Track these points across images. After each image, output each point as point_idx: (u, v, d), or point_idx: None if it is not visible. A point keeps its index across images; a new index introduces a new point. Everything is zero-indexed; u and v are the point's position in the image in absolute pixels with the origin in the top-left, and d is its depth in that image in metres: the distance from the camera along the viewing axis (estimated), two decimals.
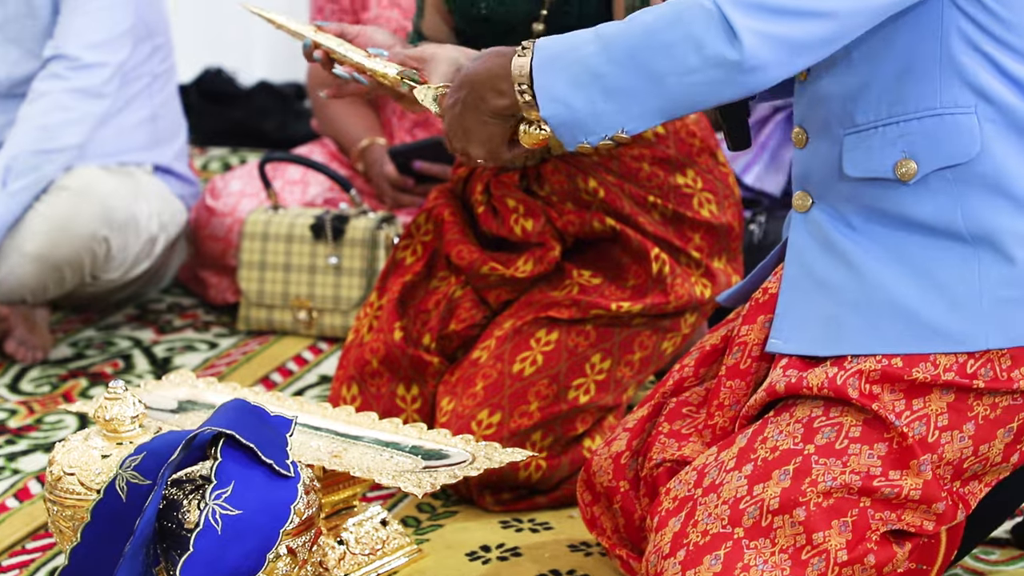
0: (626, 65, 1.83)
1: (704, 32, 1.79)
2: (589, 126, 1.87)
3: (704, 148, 2.70)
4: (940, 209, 1.91)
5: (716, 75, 1.80)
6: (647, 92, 1.83)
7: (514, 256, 2.66)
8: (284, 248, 3.47)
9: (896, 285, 1.92)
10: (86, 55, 3.35)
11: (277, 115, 4.76)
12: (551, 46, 1.89)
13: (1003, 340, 1.89)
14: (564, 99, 1.86)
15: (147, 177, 3.53)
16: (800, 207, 2.02)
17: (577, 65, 1.85)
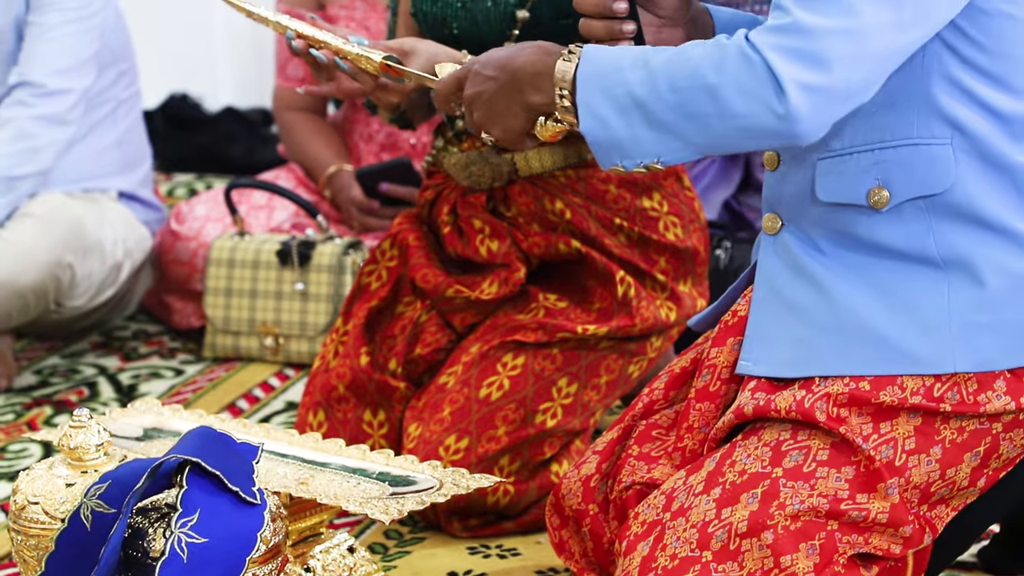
0: (670, 101, 1.83)
1: (750, 82, 1.78)
2: (626, 150, 1.87)
3: (670, 172, 2.71)
4: (912, 236, 1.92)
5: (760, 124, 1.80)
6: (688, 130, 1.84)
7: (479, 278, 2.66)
8: (250, 274, 3.46)
9: (865, 308, 1.92)
10: (51, 82, 3.34)
11: (243, 141, 4.76)
12: (598, 59, 1.88)
13: (971, 364, 1.90)
14: (604, 119, 1.86)
15: (112, 203, 3.52)
16: (769, 229, 2.02)
17: (621, 88, 1.85)
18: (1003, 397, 1.91)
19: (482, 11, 2.59)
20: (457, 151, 2.67)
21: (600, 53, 1.89)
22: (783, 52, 1.77)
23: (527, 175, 2.66)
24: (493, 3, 2.58)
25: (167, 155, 4.67)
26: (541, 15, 2.56)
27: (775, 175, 2.02)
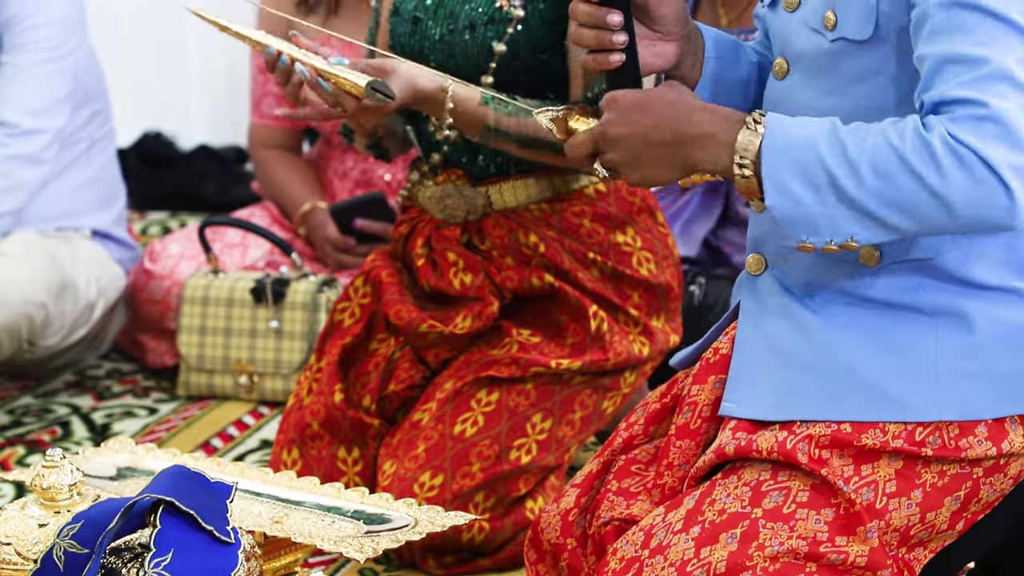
0: (875, 187, 1.77)
1: (976, 187, 1.72)
2: (819, 227, 1.80)
3: (644, 208, 2.71)
4: (901, 289, 1.90)
5: (988, 221, 1.75)
6: (897, 218, 1.78)
7: (452, 313, 2.66)
8: (224, 312, 3.45)
9: (850, 352, 1.92)
10: (25, 121, 3.34)
11: (217, 179, 4.75)
12: (786, 132, 1.81)
13: (955, 413, 1.88)
14: (795, 195, 1.80)
15: (85, 242, 3.51)
16: (754, 270, 2.01)
17: (815, 166, 1.78)
18: (984, 443, 1.90)
19: (460, 44, 2.60)
20: (432, 184, 2.68)
21: (787, 125, 1.81)
22: (994, 142, 1.72)
23: (501, 208, 2.66)
24: (471, 37, 2.59)
25: (141, 193, 4.66)
26: (518, 49, 2.57)
27: (761, 217, 2.00)
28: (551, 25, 2.56)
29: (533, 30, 2.57)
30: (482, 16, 2.58)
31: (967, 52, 1.74)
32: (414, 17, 2.63)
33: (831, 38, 1.88)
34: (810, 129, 1.81)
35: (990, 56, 1.73)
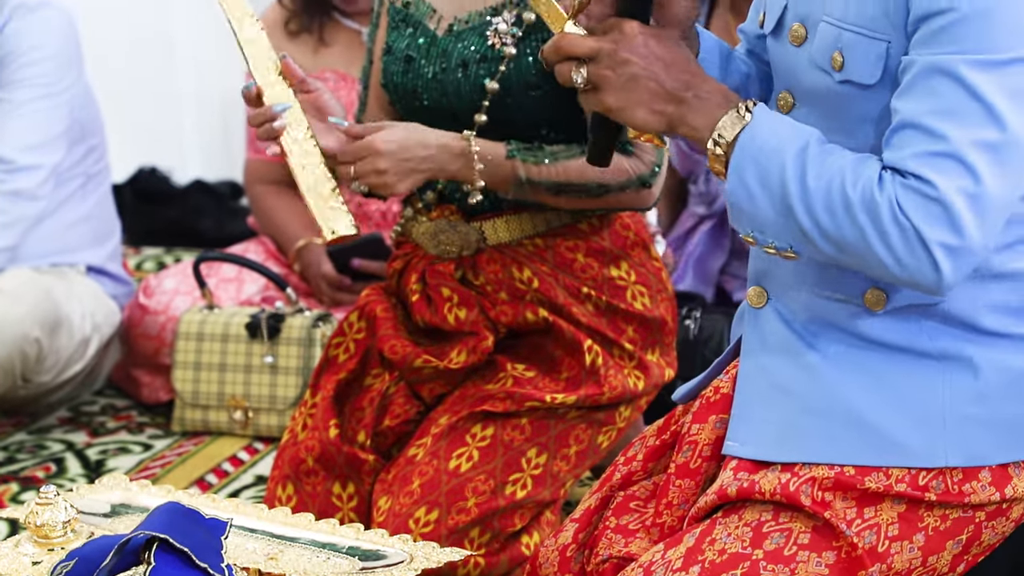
0: (822, 221, 1.79)
1: (906, 254, 1.76)
2: (765, 227, 1.83)
3: (638, 242, 2.72)
4: (906, 332, 1.90)
5: (904, 282, 1.79)
6: (832, 251, 1.80)
7: (447, 348, 2.66)
8: (219, 348, 3.45)
9: (855, 394, 1.90)
10: (21, 157, 3.34)
11: (212, 214, 4.75)
12: (764, 132, 1.82)
13: (962, 459, 1.88)
14: (752, 192, 1.82)
15: (80, 278, 3.51)
16: (755, 303, 2.00)
17: (776, 177, 1.80)
18: (988, 488, 1.89)
19: (452, 82, 2.61)
20: (426, 220, 2.69)
21: (769, 126, 1.82)
22: (934, 223, 1.75)
23: (495, 244, 2.67)
24: (463, 75, 2.59)
25: (136, 229, 4.67)
26: (510, 87, 2.58)
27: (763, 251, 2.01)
28: (539, 62, 2.57)
29: (525, 67, 2.58)
30: (474, 54, 2.59)
31: (930, 123, 1.75)
32: (407, 56, 2.64)
33: (838, 79, 1.87)
34: (785, 138, 1.81)
35: (949, 133, 1.74)
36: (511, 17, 2.59)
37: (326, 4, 3.73)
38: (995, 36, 1.74)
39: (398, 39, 2.66)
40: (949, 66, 1.74)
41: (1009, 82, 1.74)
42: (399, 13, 2.68)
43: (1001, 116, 1.74)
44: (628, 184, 2.58)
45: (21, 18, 3.39)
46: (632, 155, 2.59)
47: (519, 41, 2.58)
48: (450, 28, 2.63)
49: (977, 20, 1.74)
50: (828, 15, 1.88)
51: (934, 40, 1.76)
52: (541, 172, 2.57)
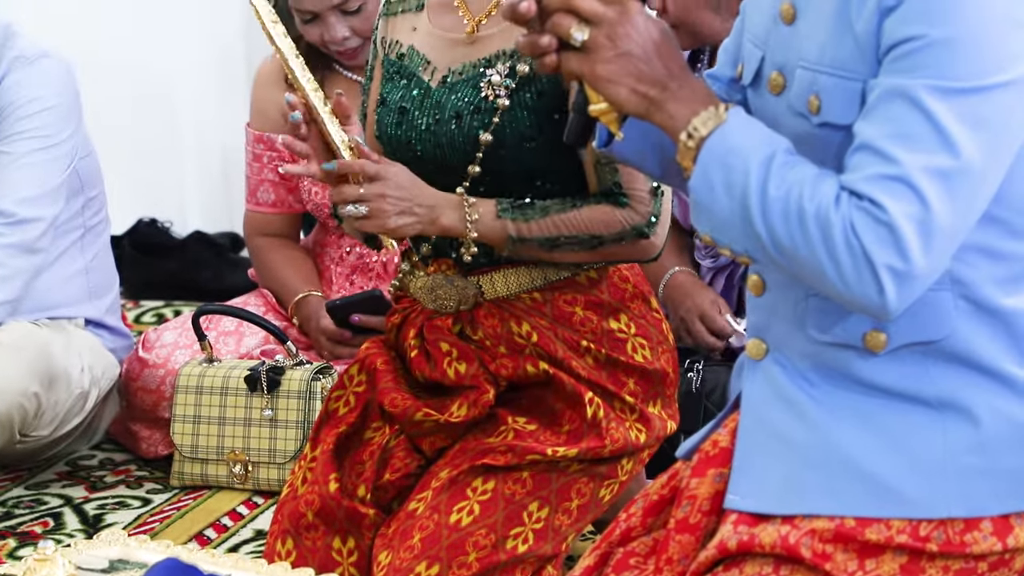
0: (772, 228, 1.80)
1: (852, 273, 1.77)
2: (723, 227, 1.83)
3: (637, 294, 2.71)
4: (907, 377, 1.89)
5: (849, 302, 1.80)
6: (779, 259, 1.81)
7: (448, 401, 2.64)
8: (219, 401, 3.44)
9: (856, 445, 1.89)
10: (20, 210, 3.34)
11: (212, 266, 4.75)
12: (735, 135, 1.82)
13: (964, 510, 1.86)
14: (713, 189, 1.82)
15: (79, 331, 3.50)
16: (754, 355, 1.99)
17: (739, 180, 1.81)
18: (989, 538, 1.88)
19: (446, 134, 2.61)
20: (423, 275, 2.68)
21: (741, 130, 1.82)
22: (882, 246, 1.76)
23: (493, 298, 2.66)
24: (457, 127, 2.60)
25: (135, 281, 4.66)
26: (504, 138, 2.58)
27: (761, 302, 1.99)
28: (536, 113, 2.57)
29: (519, 119, 2.58)
30: (468, 106, 2.59)
31: (884, 147, 1.77)
32: (401, 107, 2.65)
33: (816, 122, 1.88)
34: (754, 145, 1.82)
35: (901, 158, 1.75)
36: (505, 69, 2.59)
37: (326, 56, 3.73)
38: (958, 64, 1.76)
39: (392, 90, 2.67)
40: (910, 91, 1.76)
41: (967, 110, 1.75)
42: (393, 65, 2.69)
43: (955, 143, 1.75)
44: (623, 235, 2.57)
45: (20, 69, 3.39)
46: (626, 206, 2.58)
47: (513, 93, 2.58)
48: (444, 80, 2.63)
49: (942, 47, 1.76)
50: (803, 60, 1.89)
51: (899, 66, 1.78)
52: (532, 229, 2.56)
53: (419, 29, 2.69)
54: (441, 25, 2.67)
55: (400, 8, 2.73)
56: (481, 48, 2.62)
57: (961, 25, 1.75)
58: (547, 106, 2.56)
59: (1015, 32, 1.77)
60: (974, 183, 1.77)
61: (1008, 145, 1.80)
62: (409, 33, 2.70)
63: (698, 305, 3.32)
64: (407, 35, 2.70)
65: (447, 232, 2.58)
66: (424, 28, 2.69)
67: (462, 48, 2.64)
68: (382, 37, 2.73)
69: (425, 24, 2.69)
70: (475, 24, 2.64)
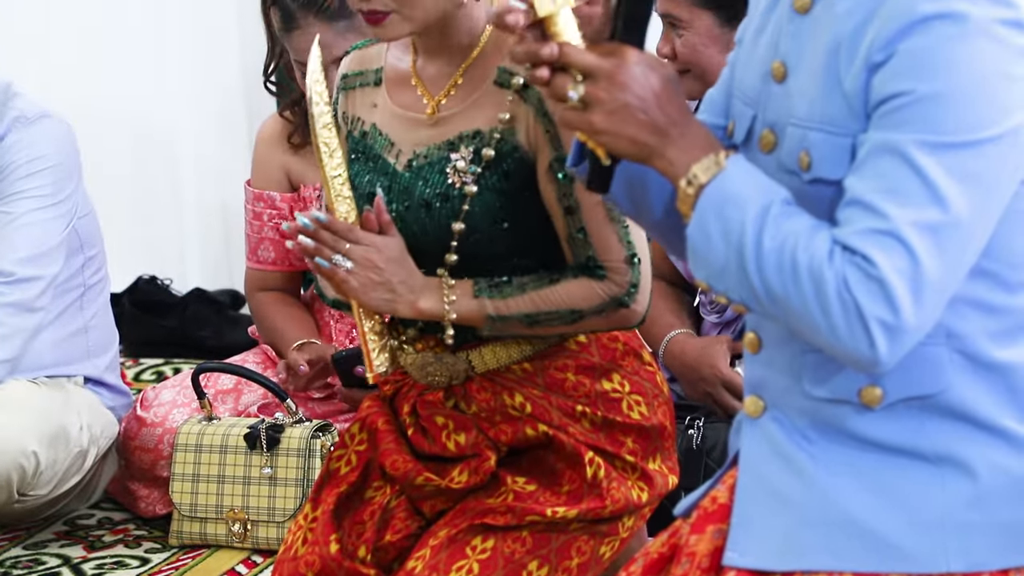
0: (766, 279, 1.80)
1: (844, 327, 1.77)
2: (719, 275, 1.83)
3: (628, 350, 2.68)
4: (904, 431, 1.88)
5: (841, 355, 1.80)
6: (772, 309, 1.81)
7: (449, 467, 2.63)
8: (218, 459, 3.43)
9: (854, 501, 1.88)
10: (19, 270, 3.34)
11: (212, 323, 4.75)
12: (734, 184, 1.82)
13: (964, 564, 1.85)
14: (711, 237, 1.82)
15: (78, 389, 3.50)
16: (752, 412, 1.99)
17: (735, 229, 1.80)
18: None
19: (418, 221, 2.56)
20: (412, 351, 2.64)
21: (741, 179, 1.82)
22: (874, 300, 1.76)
23: (484, 371, 2.64)
24: (427, 215, 2.55)
25: (134, 339, 4.65)
26: (476, 224, 2.54)
27: (758, 359, 1.99)
28: (505, 195, 2.53)
29: (489, 203, 2.54)
30: (437, 196, 2.54)
31: (874, 201, 1.77)
32: (369, 193, 2.61)
33: (807, 179, 1.88)
34: (751, 195, 1.81)
35: (891, 213, 1.76)
36: (469, 154, 2.53)
37: None
38: (947, 119, 1.76)
39: (360, 173, 2.62)
40: (899, 146, 1.76)
41: (957, 164, 1.76)
42: (358, 144, 2.64)
43: (945, 198, 1.75)
44: (603, 307, 2.54)
45: (21, 129, 3.40)
46: (604, 279, 2.53)
47: (480, 177, 2.53)
48: (409, 163, 2.58)
49: (930, 103, 1.76)
50: (794, 117, 1.89)
51: (888, 120, 1.78)
52: (510, 306, 2.53)
53: (379, 106, 2.63)
54: (401, 103, 2.61)
55: (358, 83, 2.66)
56: (444, 130, 2.56)
57: (950, 80, 1.76)
58: (515, 186, 2.52)
59: (1005, 86, 1.77)
60: (963, 237, 1.77)
61: (997, 199, 1.80)
62: (369, 110, 2.64)
63: (720, 373, 3.29)
64: (367, 112, 2.64)
65: (424, 315, 2.52)
66: (384, 105, 2.63)
67: (425, 130, 2.58)
68: (343, 112, 2.68)
69: (385, 101, 2.63)
70: (435, 105, 2.57)
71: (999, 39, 1.76)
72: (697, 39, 3.25)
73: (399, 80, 2.62)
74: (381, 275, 2.49)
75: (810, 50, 1.89)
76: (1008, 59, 1.77)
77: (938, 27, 1.76)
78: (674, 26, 3.27)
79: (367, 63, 2.66)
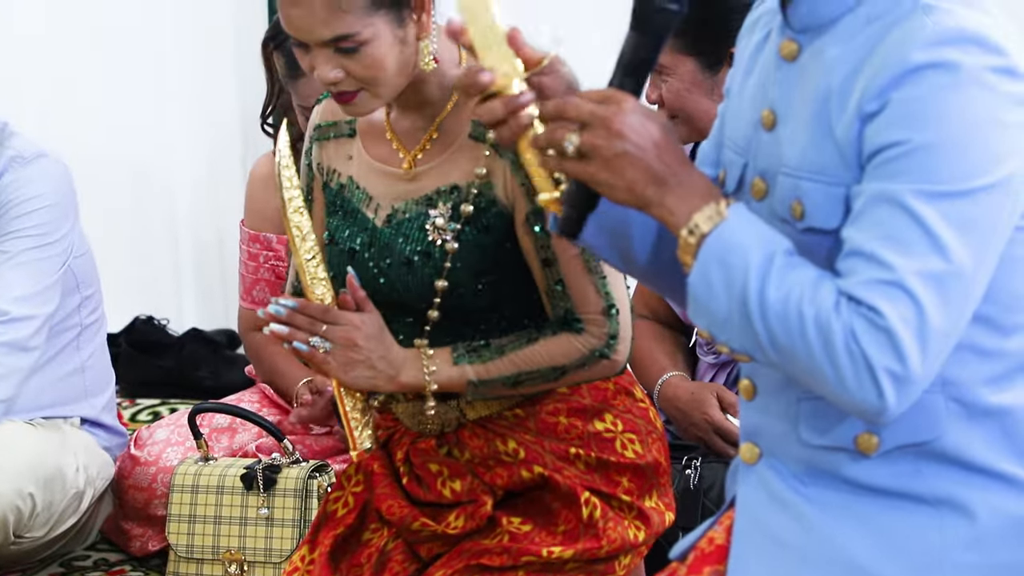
0: (771, 330, 1.79)
1: (852, 378, 1.76)
2: (721, 324, 1.82)
3: (620, 389, 2.68)
4: (900, 476, 1.88)
5: (848, 404, 1.79)
6: (776, 359, 1.81)
7: (445, 512, 2.62)
8: (215, 500, 3.42)
9: (852, 545, 1.88)
10: (13, 309, 3.33)
11: (208, 363, 4.74)
12: (735, 233, 1.81)
13: None
14: (712, 287, 1.81)
15: (74, 430, 3.49)
16: (748, 459, 1.98)
17: (738, 279, 1.79)
18: None
19: (399, 278, 2.56)
20: (403, 400, 2.64)
21: (742, 228, 1.81)
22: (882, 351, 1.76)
23: (475, 419, 2.63)
24: (409, 272, 2.54)
25: (131, 379, 4.65)
26: (458, 280, 2.53)
27: (753, 406, 1.98)
28: (486, 249, 2.52)
29: (471, 260, 2.52)
30: (417, 252, 2.53)
31: (877, 251, 1.77)
32: (351, 249, 2.60)
33: (800, 228, 1.88)
34: (753, 244, 1.80)
35: (894, 263, 1.76)
36: (447, 210, 2.52)
37: None
38: (942, 168, 1.76)
39: (340, 228, 2.61)
40: (897, 195, 1.76)
41: (955, 213, 1.76)
42: (335, 196, 2.63)
43: (946, 246, 1.75)
44: (585, 361, 2.53)
45: (17, 169, 3.40)
46: (583, 332, 2.52)
47: (460, 233, 2.52)
48: (389, 219, 2.57)
49: (925, 152, 1.76)
50: (785, 165, 1.89)
51: (884, 170, 1.78)
52: (490, 370, 2.52)
53: (355, 159, 2.62)
54: (377, 156, 2.60)
55: (331, 133, 2.65)
56: (421, 185, 2.55)
57: (944, 130, 1.76)
58: (496, 240, 2.52)
59: (998, 133, 1.77)
60: (966, 285, 1.78)
61: (995, 245, 1.80)
62: (345, 162, 2.63)
63: (711, 420, 3.28)
64: (343, 164, 2.63)
65: (406, 389, 2.51)
66: (360, 158, 2.62)
67: (402, 184, 2.57)
68: (317, 163, 2.66)
69: (360, 153, 2.62)
70: (411, 159, 2.56)
71: (991, 87, 1.77)
72: (681, 85, 3.27)
73: (373, 132, 2.61)
74: (360, 353, 2.48)
75: (799, 98, 1.89)
76: (1000, 106, 1.77)
77: (931, 76, 1.77)
78: (659, 73, 3.28)
79: (340, 113, 2.63)
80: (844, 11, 1.87)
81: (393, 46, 2.46)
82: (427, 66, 2.50)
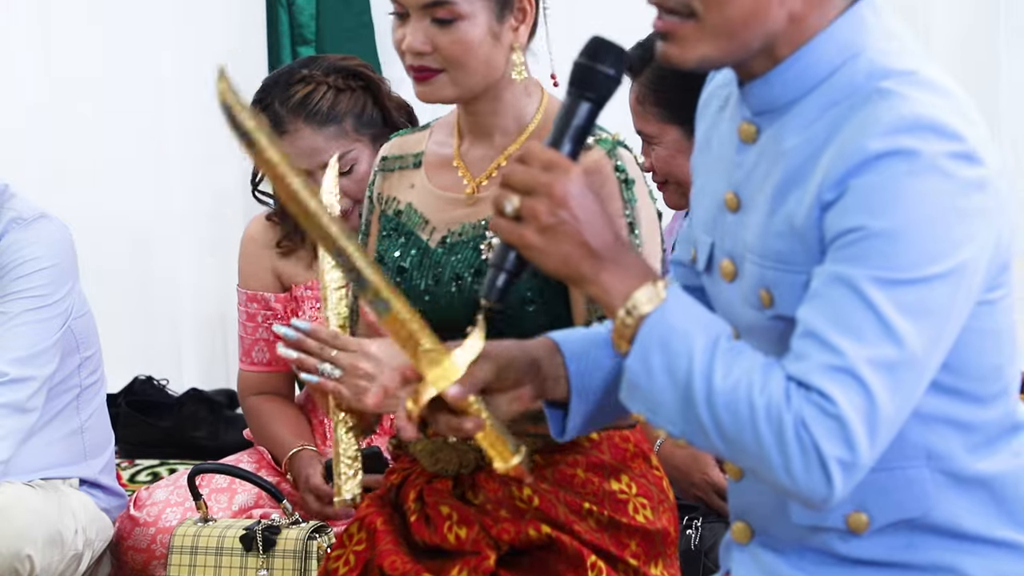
0: (718, 418, 1.77)
1: (801, 467, 1.75)
2: (659, 410, 1.79)
3: (638, 452, 2.68)
4: (894, 549, 1.87)
5: (792, 492, 1.78)
6: (720, 446, 1.79)
7: (448, 565, 2.61)
8: (214, 561, 3.40)
9: None
10: (12, 370, 3.33)
11: (208, 424, 4.73)
12: (675, 316, 1.78)
13: None
14: (652, 372, 1.78)
15: (73, 492, 3.48)
16: (741, 539, 1.97)
17: (682, 365, 1.77)
18: None
19: (445, 296, 2.59)
20: (424, 438, 2.64)
21: (681, 311, 1.79)
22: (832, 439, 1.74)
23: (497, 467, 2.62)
24: (457, 288, 2.57)
25: (130, 439, 4.63)
26: (507, 303, 2.54)
27: (740, 486, 1.97)
28: (537, 277, 2.54)
29: (520, 283, 2.55)
30: (468, 268, 2.57)
31: (829, 336, 1.75)
32: (399, 267, 2.62)
33: (769, 316, 1.87)
34: (695, 328, 1.78)
35: (846, 349, 1.74)
36: None
37: None
38: (900, 255, 1.75)
39: (390, 248, 2.65)
40: (853, 280, 1.75)
41: (910, 300, 1.75)
42: (391, 222, 2.68)
43: (899, 334, 1.74)
44: None
45: (17, 231, 3.41)
46: None
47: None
48: (443, 240, 2.61)
49: (883, 239, 1.75)
50: (750, 251, 1.88)
51: (842, 254, 1.77)
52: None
53: (417, 186, 2.67)
54: (440, 184, 2.65)
55: (397, 165, 2.71)
56: (481, 209, 2.59)
57: (901, 217, 1.75)
58: None
59: (956, 219, 1.77)
60: (917, 373, 1.77)
61: (950, 330, 1.79)
62: (407, 190, 2.68)
63: (711, 480, 3.28)
64: (405, 192, 2.68)
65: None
66: (422, 186, 2.67)
67: (462, 209, 2.62)
68: (378, 193, 2.72)
69: (423, 182, 2.67)
70: (475, 185, 2.62)
71: (948, 173, 1.76)
72: (667, 152, 3.30)
73: (440, 164, 2.66)
74: (372, 381, 2.47)
75: (759, 184, 1.88)
76: (957, 192, 1.76)
77: (889, 164, 1.76)
78: (647, 142, 3.32)
79: (408, 148, 2.69)
80: (800, 95, 1.85)
81: (486, 36, 2.49)
82: (519, 75, 2.52)
